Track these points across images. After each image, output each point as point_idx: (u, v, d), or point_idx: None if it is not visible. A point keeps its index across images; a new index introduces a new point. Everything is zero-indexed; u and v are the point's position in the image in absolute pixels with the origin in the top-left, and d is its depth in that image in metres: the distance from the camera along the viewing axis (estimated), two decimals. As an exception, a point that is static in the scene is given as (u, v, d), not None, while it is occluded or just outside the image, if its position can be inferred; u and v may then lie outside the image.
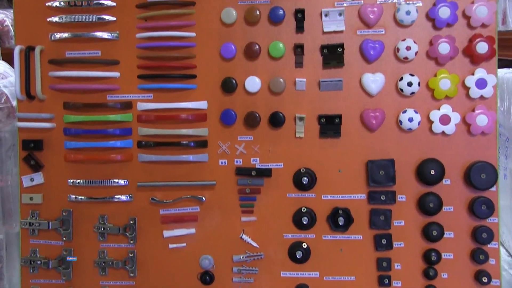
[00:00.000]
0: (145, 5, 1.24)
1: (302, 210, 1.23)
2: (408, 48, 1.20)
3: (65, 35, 1.25)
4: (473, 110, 1.21)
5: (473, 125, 1.20)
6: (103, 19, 1.25)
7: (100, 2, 1.24)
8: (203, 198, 1.25)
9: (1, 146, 1.40)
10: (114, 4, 1.25)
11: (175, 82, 1.24)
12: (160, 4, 1.24)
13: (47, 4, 1.25)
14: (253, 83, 1.23)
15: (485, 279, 1.20)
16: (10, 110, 1.38)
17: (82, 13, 1.25)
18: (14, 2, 1.26)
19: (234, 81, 1.23)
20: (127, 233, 1.25)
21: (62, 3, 1.24)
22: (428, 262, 1.22)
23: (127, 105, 1.25)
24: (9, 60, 1.49)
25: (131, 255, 1.26)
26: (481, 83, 1.20)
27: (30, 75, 1.25)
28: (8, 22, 1.85)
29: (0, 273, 1.43)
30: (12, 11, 1.51)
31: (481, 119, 1.20)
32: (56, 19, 1.25)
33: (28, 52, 1.24)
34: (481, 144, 1.22)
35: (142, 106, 1.25)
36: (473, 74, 1.21)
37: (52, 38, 1.25)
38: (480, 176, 1.19)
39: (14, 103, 1.37)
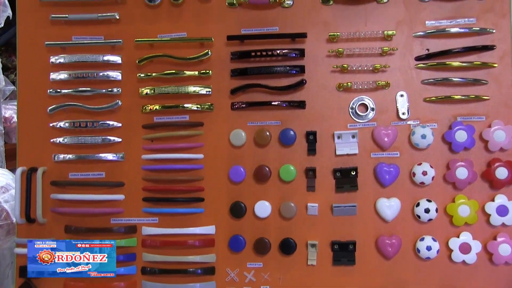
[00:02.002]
0: (151, 126, 1.21)
1: None
2: (424, 173, 1.15)
3: (69, 156, 1.21)
4: (495, 238, 1.15)
5: (495, 254, 1.14)
6: (109, 140, 1.21)
7: (106, 123, 1.21)
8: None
9: (-1, 263, 1.35)
10: (120, 125, 1.21)
11: (182, 206, 1.20)
12: (167, 125, 1.20)
13: (51, 125, 1.22)
14: (263, 208, 1.18)
15: None
16: (10, 227, 1.33)
17: (87, 134, 1.21)
18: (18, 120, 1.23)
19: (243, 206, 1.18)
20: None
21: (66, 124, 1.21)
22: None
23: (131, 229, 1.20)
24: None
25: None
26: (502, 210, 1.15)
27: (31, 197, 1.20)
28: (16, 119, 1.82)
29: None
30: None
31: (504, 249, 1.14)
32: (60, 139, 1.21)
33: (30, 174, 1.20)
34: (505, 274, 1.15)
35: (147, 230, 1.20)
36: (493, 200, 1.16)
37: (56, 159, 1.21)
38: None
39: (15, 219, 1.32)
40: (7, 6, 1.68)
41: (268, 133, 1.18)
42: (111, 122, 1.21)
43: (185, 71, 1.20)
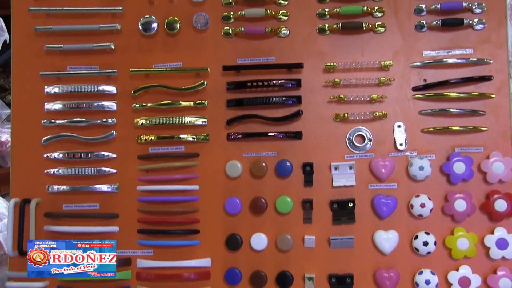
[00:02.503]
0: (146, 156, 1.20)
1: None
2: (422, 205, 1.14)
3: (63, 187, 1.20)
4: (495, 272, 1.14)
5: (495, 288, 1.13)
6: (103, 171, 1.20)
7: (101, 153, 1.19)
8: None
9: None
10: (114, 155, 1.20)
11: (177, 238, 1.18)
12: (163, 156, 1.19)
13: (45, 156, 1.20)
14: (259, 240, 1.16)
15: None
16: (3, 258, 1.31)
17: (81, 165, 1.20)
18: (12, 151, 1.22)
19: (239, 238, 1.17)
20: None
21: (60, 154, 1.20)
22: None
23: (126, 262, 1.18)
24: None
25: None
26: (502, 243, 1.13)
27: (24, 229, 1.18)
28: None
29: None
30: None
31: (504, 283, 1.12)
32: (54, 170, 1.20)
33: (23, 205, 1.18)
34: (505, 308, 1.13)
35: (141, 263, 1.18)
36: (492, 233, 1.14)
37: (50, 190, 1.20)
38: None
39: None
40: (4, 31, 1.67)
41: (264, 164, 1.17)
42: (106, 153, 1.20)
43: (180, 102, 1.19)
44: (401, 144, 1.17)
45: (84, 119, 1.20)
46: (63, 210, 1.20)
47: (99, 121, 1.20)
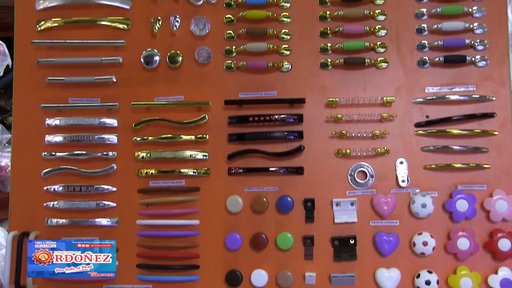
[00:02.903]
0: (147, 190, 1.19)
1: None
2: (425, 243, 1.12)
3: (62, 221, 1.19)
4: (499, 313, 1.12)
5: (499, 331, 1.11)
6: (103, 204, 1.19)
7: (101, 187, 1.19)
8: None
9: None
10: (115, 189, 1.19)
11: (177, 273, 1.17)
12: (163, 190, 1.18)
13: (44, 188, 1.19)
14: (259, 277, 1.15)
15: None
16: (0, 289, 1.29)
17: (81, 199, 1.19)
18: (11, 183, 1.21)
19: (239, 274, 1.15)
20: None
21: (60, 187, 1.19)
22: None
23: (124, 297, 1.17)
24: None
25: None
26: (506, 283, 1.12)
27: (21, 263, 1.17)
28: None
29: None
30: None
31: (508, 324, 1.11)
32: (53, 203, 1.19)
33: (21, 239, 1.17)
34: None
35: (140, 299, 1.17)
36: (496, 272, 1.13)
37: (49, 223, 1.19)
38: None
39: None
40: (7, 56, 1.68)
41: (265, 200, 1.16)
42: (106, 187, 1.19)
43: (182, 136, 1.19)
44: (403, 181, 1.16)
45: (84, 152, 1.20)
46: (62, 243, 1.19)
47: (99, 154, 1.19)
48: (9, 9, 1.89)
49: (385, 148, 1.16)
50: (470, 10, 1.17)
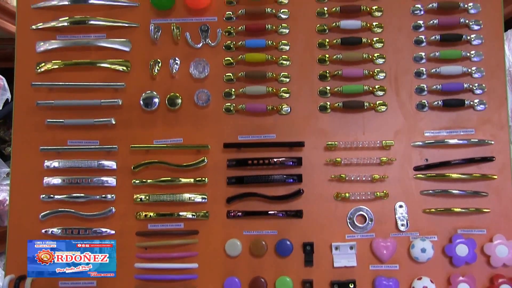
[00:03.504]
0: (145, 233, 1.18)
1: None
2: (425, 289, 1.12)
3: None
4: None
5: None
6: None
7: (99, 230, 1.18)
8: None
9: None
10: (113, 232, 1.19)
11: (175, 319, 1.15)
12: (162, 233, 1.18)
13: (42, 231, 1.19)
14: (258, 322, 1.14)
15: None
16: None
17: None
18: (9, 225, 1.20)
19: (238, 319, 1.14)
20: None
21: (58, 230, 1.18)
22: None
23: None
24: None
25: None
26: (507, 330, 1.11)
27: (19, 306, 1.16)
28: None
29: None
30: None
31: None
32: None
33: (18, 283, 1.16)
34: None
35: None
36: (497, 319, 1.12)
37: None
38: None
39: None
40: (6, 90, 1.68)
41: (264, 243, 1.16)
42: (104, 229, 1.19)
43: (180, 178, 1.19)
44: (402, 225, 1.16)
45: (83, 195, 1.19)
46: (59, 287, 1.18)
47: (98, 196, 1.19)
48: (9, 40, 1.92)
49: (384, 191, 1.16)
50: (468, 54, 1.18)
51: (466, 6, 1.19)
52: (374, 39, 1.20)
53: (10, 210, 1.21)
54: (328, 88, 1.19)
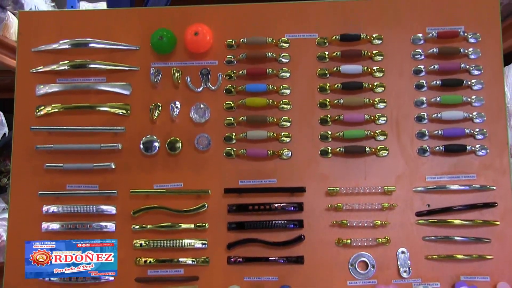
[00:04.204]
0: (145, 280, 1.17)
1: None
2: (428, 338, 1.10)
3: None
4: None
5: None
6: (100, 295, 1.16)
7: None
8: None
9: None
10: (112, 278, 1.17)
11: None
12: (162, 280, 1.16)
13: (40, 278, 1.17)
14: None
15: None
16: None
17: (77, 286, 1.17)
18: (5, 276, 1.18)
19: None
20: None
21: (56, 278, 1.16)
22: None
23: None
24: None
25: None
26: None
27: None
28: (5, 237, 1.78)
29: None
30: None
31: None
32: (49, 293, 1.17)
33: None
34: None
35: None
36: None
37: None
38: None
39: None
40: (4, 125, 1.68)
41: (265, 290, 1.14)
42: (103, 275, 1.17)
43: (180, 224, 1.17)
44: (405, 271, 1.15)
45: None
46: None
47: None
48: (7, 72, 1.92)
49: (386, 237, 1.15)
50: (469, 99, 1.18)
51: (466, 51, 1.19)
52: (375, 83, 1.20)
53: (6, 257, 1.19)
54: (329, 132, 1.19)
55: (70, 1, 1.65)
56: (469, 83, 1.18)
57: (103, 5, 2.17)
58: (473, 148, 1.17)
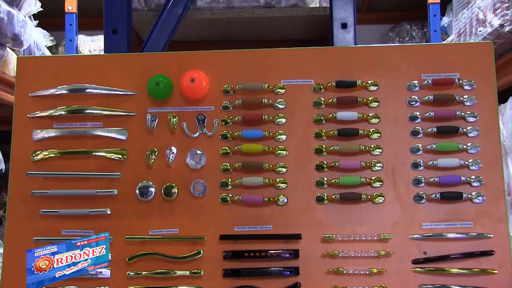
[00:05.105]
0: (141, 328, 1.16)
1: None
2: None
3: None
4: None
5: None
6: None
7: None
8: None
9: None
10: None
11: None
12: (157, 328, 1.15)
13: (34, 325, 1.16)
14: None
15: None
16: None
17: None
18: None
19: None
20: None
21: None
22: None
23: None
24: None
25: None
26: None
27: None
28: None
29: None
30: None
31: None
32: None
33: None
34: None
35: None
36: None
37: None
38: None
39: None
40: (1, 161, 1.69)
41: None
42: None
43: (176, 271, 1.17)
44: (402, 320, 1.14)
45: (75, 287, 1.17)
46: None
47: (92, 289, 1.17)
48: (4, 106, 1.93)
49: (383, 285, 1.15)
50: (465, 146, 1.18)
51: (461, 98, 1.20)
52: (371, 130, 1.20)
53: (1, 302, 1.18)
54: (325, 179, 1.19)
55: (69, 35, 1.67)
56: (465, 130, 1.19)
57: (100, 38, 2.19)
58: (469, 196, 1.17)
